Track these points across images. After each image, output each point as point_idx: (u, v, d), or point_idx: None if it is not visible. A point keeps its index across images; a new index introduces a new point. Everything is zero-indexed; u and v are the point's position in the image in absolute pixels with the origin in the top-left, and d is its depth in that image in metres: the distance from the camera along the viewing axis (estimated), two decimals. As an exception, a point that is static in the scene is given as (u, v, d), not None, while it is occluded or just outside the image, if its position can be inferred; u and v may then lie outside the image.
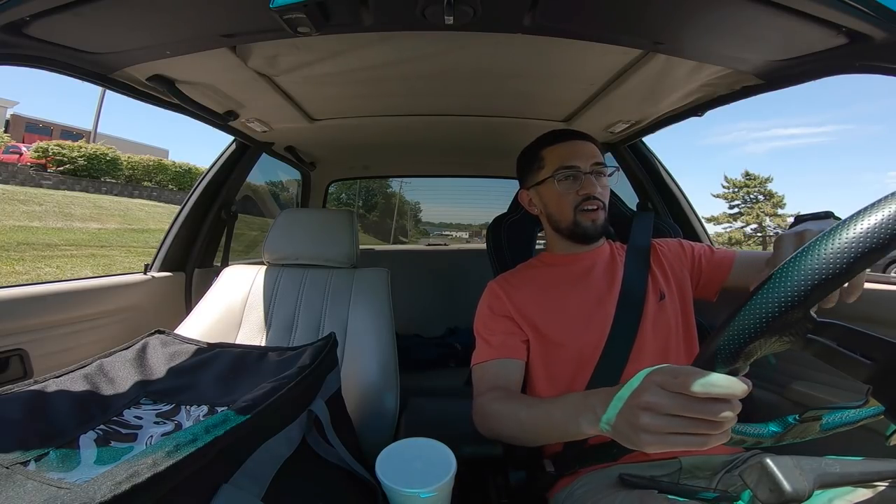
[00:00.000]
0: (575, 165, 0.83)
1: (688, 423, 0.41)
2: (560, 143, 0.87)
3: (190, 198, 1.47)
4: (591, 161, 0.84)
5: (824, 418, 0.46)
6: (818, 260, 0.33)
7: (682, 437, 0.41)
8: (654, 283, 0.84)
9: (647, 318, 0.78)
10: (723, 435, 0.41)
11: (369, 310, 1.06)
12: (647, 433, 0.42)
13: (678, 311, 0.83)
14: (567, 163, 0.84)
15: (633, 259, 0.87)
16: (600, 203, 0.84)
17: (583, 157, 0.84)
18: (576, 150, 0.85)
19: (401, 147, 1.71)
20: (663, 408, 0.41)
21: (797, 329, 0.36)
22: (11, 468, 0.42)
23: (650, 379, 0.44)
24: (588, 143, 0.86)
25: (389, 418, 0.93)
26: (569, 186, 0.84)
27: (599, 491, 0.65)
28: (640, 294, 0.81)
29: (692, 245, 0.92)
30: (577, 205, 0.84)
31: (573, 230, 0.86)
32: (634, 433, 0.43)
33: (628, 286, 0.82)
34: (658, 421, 0.41)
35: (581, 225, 0.84)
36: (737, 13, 0.62)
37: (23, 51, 0.68)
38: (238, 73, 0.92)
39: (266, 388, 0.53)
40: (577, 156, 0.84)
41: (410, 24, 0.67)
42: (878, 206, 0.33)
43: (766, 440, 0.47)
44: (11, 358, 0.93)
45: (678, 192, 1.51)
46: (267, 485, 0.48)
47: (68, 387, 0.58)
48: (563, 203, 0.85)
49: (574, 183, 0.84)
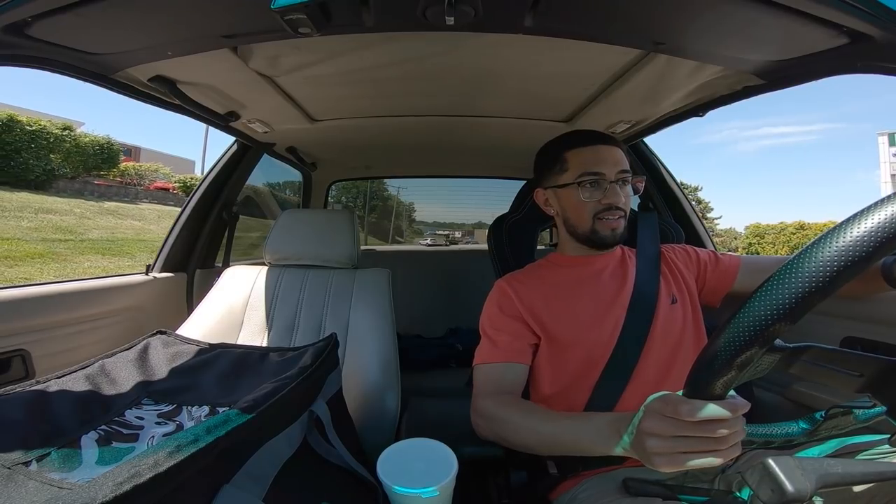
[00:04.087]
0: (600, 172, 0.80)
1: (693, 443, 0.44)
2: (586, 147, 0.83)
3: (191, 199, 1.47)
4: (616, 168, 0.81)
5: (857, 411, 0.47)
6: (802, 273, 0.33)
7: (692, 455, 0.44)
8: (666, 286, 0.83)
9: (657, 321, 0.77)
10: (733, 449, 0.44)
11: (370, 310, 1.06)
12: (658, 456, 0.46)
13: (689, 315, 0.82)
14: (592, 169, 0.80)
15: (644, 262, 0.86)
16: (622, 212, 0.82)
17: (609, 164, 0.81)
18: (601, 155, 0.81)
19: (402, 147, 1.71)
20: (665, 431, 0.44)
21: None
22: (13, 468, 0.42)
23: (650, 406, 0.47)
24: (615, 149, 0.83)
25: (390, 419, 0.93)
26: (592, 194, 0.81)
27: (603, 496, 0.65)
28: (652, 296, 0.80)
29: (697, 251, 0.91)
30: (598, 213, 0.81)
31: (590, 237, 0.83)
32: (647, 458, 0.47)
33: (640, 288, 0.81)
34: (663, 444, 0.45)
35: (599, 233, 0.82)
36: (737, 13, 0.62)
37: (24, 51, 0.68)
38: (239, 74, 0.92)
39: (267, 388, 0.53)
40: (602, 162, 0.81)
41: (411, 24, 0.67)
42: (868, 212, 0.32)
43: (796, 438, 0.48)
44: (13, 358, 0.93)
45: (679, 192, 1.51)
46: (268, 485, 0.48)
47: (70, 387, 0.58)
48: (583, 210, 0.82)
49: (597, 191, 0.80)
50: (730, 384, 0.39)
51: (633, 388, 0.73)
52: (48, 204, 10.31)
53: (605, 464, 0.70)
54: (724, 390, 0.41)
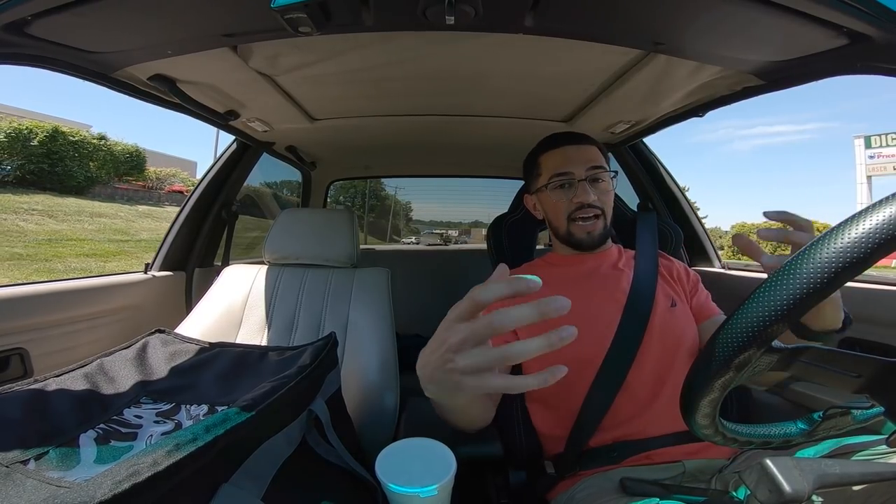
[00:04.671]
0: (567, 172, 0.81)
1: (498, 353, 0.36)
2: (554, 150, 0.85)
3: (191, 197, 1.47)
4: (586, 166, 0.82)
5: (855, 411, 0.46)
6: (800, 274, 0.33)
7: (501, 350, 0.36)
8: (666, 290, 0.83)
9: (654, 324, 0.77)
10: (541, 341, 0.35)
11: (370, 309, 1.06)
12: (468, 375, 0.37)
13: (690, 321, 0.81)
14: (560, 170, 0.82)
15: (643, 262, 0.86)
16: (597, 210, 0.82)
17: (577, 163, 0.82)
18: (569, 155, 0.83)
19: (401, 147, 1.71)
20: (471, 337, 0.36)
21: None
22: (11, 467, 0.42)
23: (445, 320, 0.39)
24: (585, 147, 0.84)
25: (389, 418, 0.93)
26: (562, 195, 0.82)
27: (601, 496, 0.64)
28: (649, 299, 0.80)
29: (695, 276, 0.90)
30: (570, 213, 0.82)
31: (567, 239, 0.85)
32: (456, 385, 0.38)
33: (637, 290, 0.81)
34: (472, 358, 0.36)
35: (575, 236, 0.83)
36: (737, 14, 0.62)
37: (24, 50, 0.68)
38: (239, 73, 0.92)
39: (266, 387, 0.53)
40: (570, 162, 0.82)
41: (411, 24, 0.67)
42: (866, 213, 0.31)
43: (794, 438, 0.48)
44: (12, 357, 0.93)
45: (678, 192, 1.51)
46: (267, 484, 0.48)
47: (68, 386, 0.58)
48: (558, 211, 0.84)
49: (567, 191, 0.82)
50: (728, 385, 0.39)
51: (627, 389, 0.73)
52: (96, 208, 11.45)
53: (602, 463, 0.70)
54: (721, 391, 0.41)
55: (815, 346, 0.37)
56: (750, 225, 16.84)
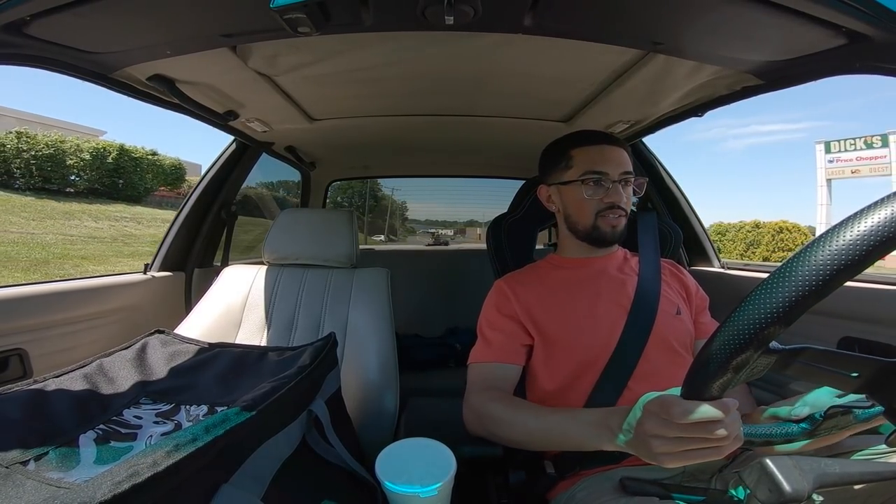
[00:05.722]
0: (604, 172, 0.81)
1: (692, 441, 0.46)
2: (592, 146, 0.84)
3: (190, 197, 1.47)
4: (620, 169, 0.82)
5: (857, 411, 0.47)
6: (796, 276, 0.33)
7: (696, 451, 0.46)
8: (671, 298, 0.83)
9: (658, 327, 0.77)
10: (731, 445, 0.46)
11: (369, 310, 1.06)
12: (663, 455, 0.48)
13: (692, 329, 0.82)
14: (596, 167, 0.81)
15: (646, 265, 0.86)
16: (623, 212, 0.83)
17: (613, 164, 0.82)
18: (606, 155, 0.82)
19: (401, 147, 1.71)
20: (666, 432, 0.46)
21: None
22: (11, 467, 0.42)
23: (648, 409, 0.49)
24: (619, 150, 0.84)
25: (389, 418, 0.93)
26: (594, 192, 0.82)
27: (601, 496, 0.64)
28: (653, 304, 0.80)
29: (704, 297, 0.90)
30: (600, 211, 0.82)
31: (590, 233, 0.84)
32: (653, 457, 0.49)
33: (642, 295, 0.81)
34: (668, 445, 0.47)
35: (600, 229, 0.83)
36: (736, 14, 0.62)
37: (23, 50, 0.68)
38: (238, 73, 0.91)
39: (266, 388, 0.53)
40: (607, 162, 0.82)
41: (410, 24, 0.67)
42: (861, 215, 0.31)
43: (796, 438, 0.48)
44: (11, 357, 0.93)
45: (678, 192, 1.51)
46: (267, 484, 0.48)
47: (68, 386, 0.58)
48: (586, 207, 0.83)
49: (600, 189, 0.82)
50: (726, 386, 0.39)
51: (629, 392, 0.73)
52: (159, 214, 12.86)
53: (603, 463, 0.70)
54: (720, 392, 0.41)
55: (814, 348, 0.37)
56: (727, 224, 16.90)
